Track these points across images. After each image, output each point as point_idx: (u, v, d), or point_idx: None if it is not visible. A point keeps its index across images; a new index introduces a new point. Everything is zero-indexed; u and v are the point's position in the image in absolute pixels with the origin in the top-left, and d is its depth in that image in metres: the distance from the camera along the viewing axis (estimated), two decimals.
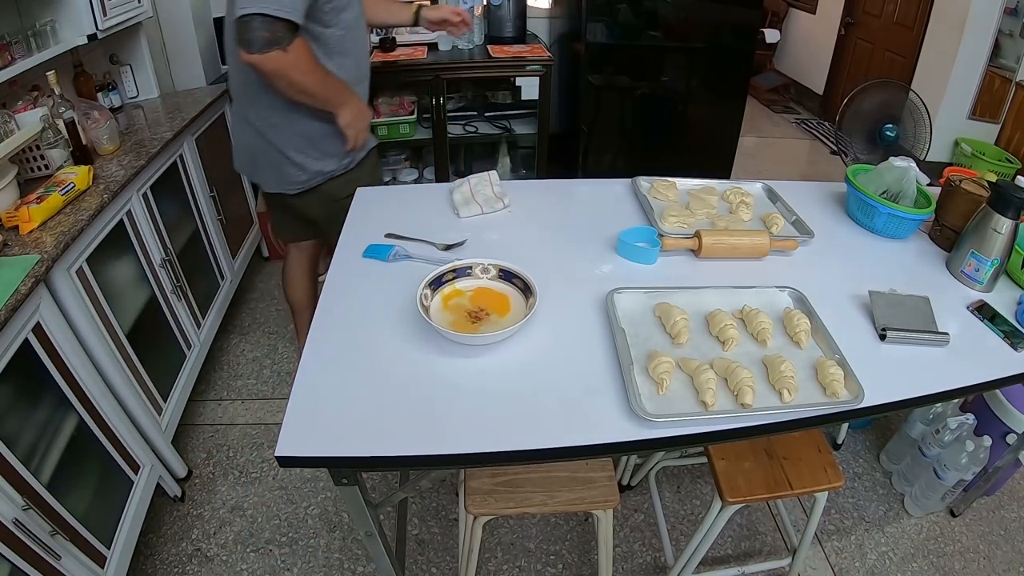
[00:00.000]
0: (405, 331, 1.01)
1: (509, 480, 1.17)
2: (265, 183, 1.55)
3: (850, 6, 4.45)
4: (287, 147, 1.44)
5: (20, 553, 1.10)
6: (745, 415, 0.87)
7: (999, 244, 1.15)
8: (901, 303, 1.08)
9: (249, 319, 2.50)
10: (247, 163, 1.55)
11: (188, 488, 1.78)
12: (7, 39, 1.62)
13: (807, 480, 1.24)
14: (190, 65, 2.54)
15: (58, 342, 1.30)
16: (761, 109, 5.04)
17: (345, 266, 1.19)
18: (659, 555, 1.63)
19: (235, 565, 1.58)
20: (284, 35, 1.19)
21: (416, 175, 3.11)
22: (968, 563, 1.63)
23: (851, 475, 1.87)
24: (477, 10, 2.86)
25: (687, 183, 1.51)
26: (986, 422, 1.65)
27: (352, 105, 1.42)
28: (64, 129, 1.62)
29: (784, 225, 1.34)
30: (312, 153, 1.47)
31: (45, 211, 1.38)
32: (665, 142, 3.22)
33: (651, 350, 0.97)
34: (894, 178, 1.35)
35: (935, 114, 3.53)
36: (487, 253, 1.14)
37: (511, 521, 1.69)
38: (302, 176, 1.49)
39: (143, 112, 2.18)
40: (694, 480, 1.83)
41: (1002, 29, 3.31)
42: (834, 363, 0.94)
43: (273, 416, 2.03)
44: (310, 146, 1.46)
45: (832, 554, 1.64)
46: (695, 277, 1.18)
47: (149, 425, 1.62)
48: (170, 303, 1.86)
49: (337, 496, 1.74)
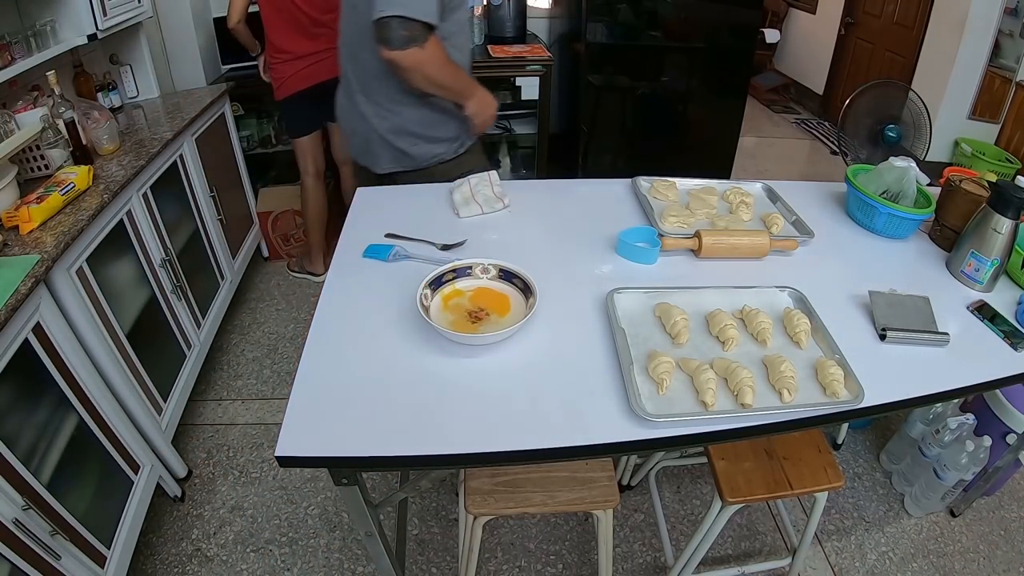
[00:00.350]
0: (405, 331, 1.01)
1: (509, 480, 1.17)
2: (379, 165, 1.62)
3: (850, 6, 4.45)
4: (404, 133, 1.54)
5: (20, 553, 1.10)
6: (745, 415, 0.87)
7: (999, 244, 1.15)
8: (901, 303, 1.08)
9: (249, 319, 2.50)
10: (361, 147, 1.63)
11: (188, 488, 1.78)
12: (7, 39, 1.62)
13: (807, 480, 1.24)
14: (190, 65, 2.55)
15: (58, 342, 1.30)
16: (761, 109, 5.04)
17: (345, 266, 1.19)
18: (659, 555, 1.63)
19: (235, 565, 1.58)
20: (421, 34, 1.27)
21: None
22: (968, 563, 1.63)
23: (851, 475, 1.87)
24: (477, 10, 2.86)
25: (687, 183, 1.51)
26: (986, 422, 1.65)
27: (478, 95, 1.49)
28: (64, 129, 1.62)
29: (784, 225, 1.34)
30: (427, 139, 1.56)
31: (45, 211, 1.39)
32: (665, 142, 3.22)
33: (651, 350, 0.97)
34: (894, 178, 1.35)
35: (935, 114, 3.53)
36: (487, 253, 1.14)
37: (511, 521, 1.69)
38: (415, 160, 1.59)
39: (143, 112, 2.19)
40: (694, 480, 1.83)
41: (1002, 29, 3.31)
42: (834, 363, 0.94)
43: (273, 416, 2.03)
44: (426, 133, 1.55)
45: (832, 554, 1.64)
46: (695, 277, 1.18)
47: (149, 425, 1.62)
48: (170, 303, 1.86)
49: (337, 496, 1.74)
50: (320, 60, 2.21)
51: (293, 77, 2.24)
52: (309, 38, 2.18)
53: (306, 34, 2.17)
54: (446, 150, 1.58)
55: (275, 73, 2.28)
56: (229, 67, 2.69)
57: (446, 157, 1.59)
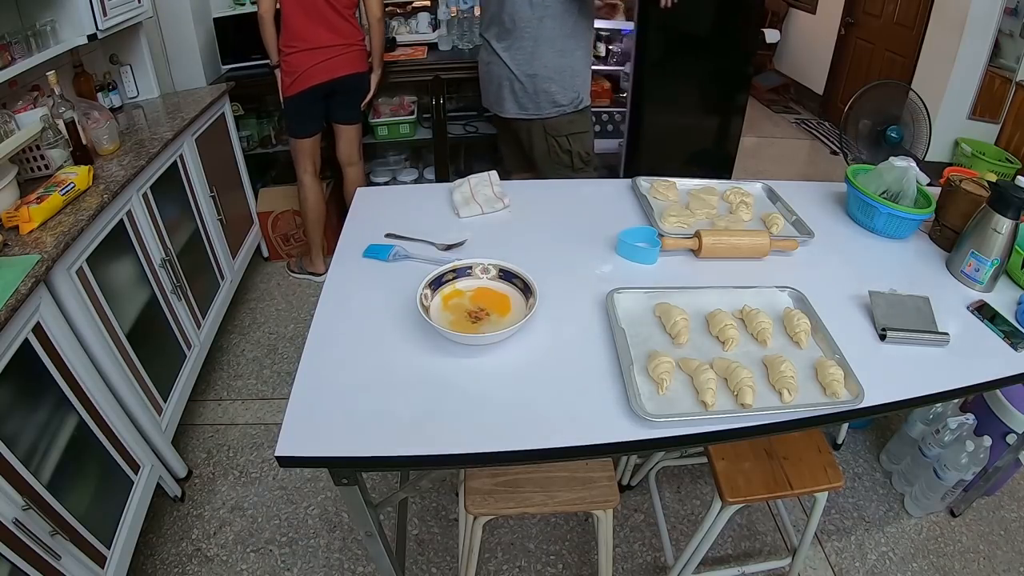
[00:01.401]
0: (405, 331, 1.01)
1: (509, 480, 1.17)
2: (504, 109, 1.95)
3: (850, 6, 4.45)
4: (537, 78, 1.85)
5: (20, 553, 1.10)
6: (745, 415, 0.87)
7: (999, 244, 1.15)
8: (901, 303, 1.08)
9: (249, 319, 2.50)
10: (493, 94, 1.97)
11: (188, 488, 1.78)
12: (7, 39, 1.62)
13: (807, 480, 1.24)
14: (190, 65, 2.54)
15: (58, 342, 1.30)
16: (761, 109, 5.04)
17: (345, 266, 1.19)
18: (659, 555, 1.63)
19: (235, 565, 1.58)
20: None
21: (416, 175, 3.11)
22: (968, 563, 1.63)
23: (851, 475, 1.86)
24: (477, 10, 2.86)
25: (687, 183, 1.51)
26: (986, 422, 1.65)
27: None
28: (64, 129, 1.62)
29: (784, 225, 1.34)
30: (555, 86, 1.86)
31: (45, 211, 1.38)
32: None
33: (651, 350, 0.97)
34: (894, 178, 1.35)
35: (935, 114, 3.53)
36: (487, 253, 1.14)
37: (511, 521, 1.69)
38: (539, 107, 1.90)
39: (143, 112, 2.18)
40: (694, 480, 1.83)
41: (1002, 29, 3.31)
42: (834, 363, 0.94)
43: (273, 416, 2.03)
44: (557, 80, 1.86)
45: (832, 554, 1.64)
46: (695, 277, 1.18)
47: (149, 425, 1.62)
48: (170, 303, 1.86)
49: (337, 496, 1.74)
50: (340, 54, 2.19)
51: (310, 70, 2.18)
52: (330, 29, 2.15)
53: (327, 24, 2.14)
54: (567, 102, 1.87)
55: (289, 66, 2.20)
56: (229, 67, 2.69)
57: (566, 110, 1.88)
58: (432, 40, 2.87)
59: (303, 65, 2.18)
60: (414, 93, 2.95)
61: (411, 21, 2.92)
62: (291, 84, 2.23)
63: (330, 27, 2.15)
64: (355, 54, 2.27)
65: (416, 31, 2.90)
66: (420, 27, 2.89)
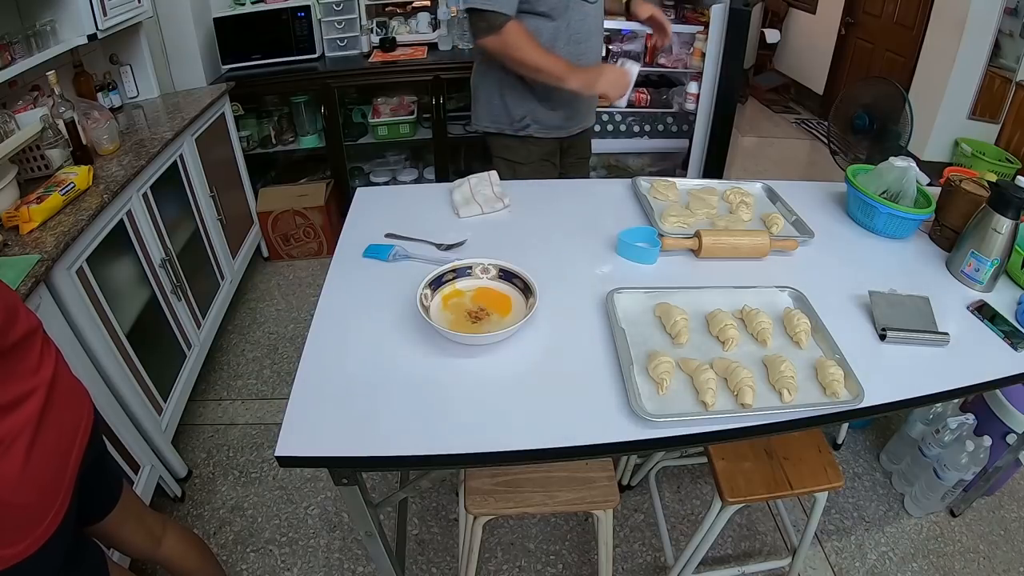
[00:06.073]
0: (405, 331, 1.01)
1: (509, 480, 1.17)
2: (476, 122, 1.81)
3: (850, 6, 4.45)
4: (491, 97, 1.72)
5: None
6: (745, 415, 0.87)
7: (999, 244, 1.15)
8: (901, 303, 1.08)
9: (249, 319, 2.49)
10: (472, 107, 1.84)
11: (188, 488, 1.78)
12: (7, 39, 1.62)
13: (807, 480, 1.24)
14: (190, 65, 2.54)
15: (58, 342, 1.29)
16: (761, 109, 5.03)
17: (345, 266, 1.19)
18: (659, 555, 1.63)
19: (235, 565, 1.58)
20: (497, 22, 1.42)
21: (416, 175, 3.11)
22: (968, 563, 1.63)
23: (851, 475, 1.86)
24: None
25: (687, 183, 1.51)
26: (986, 422, 1.65)
27: (577, 77, 1.50)
28: (64, 129, 1.62)
29: (784, 225, 1.34)
30: (504, 107, 1.71)
31: (45, 211, 1.39)
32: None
33: (651, 350, 0.97)
34: (894, 178, 1.35)
35: (935, 114, 3.54)
36: (487, 253, 1.14)
37: (511, 521, 1.69)
38: (496, 122, 1.76)
39: (143, 112, 2.19)
40: (694, 480, 1.83)
41: (1002, 29, 3.31)
42: (834, 363, 0.94)
43: (273, 416, 2.03)
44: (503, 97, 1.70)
45: (832, 554, 1.64)
46: (695, 277, 1.18)
47: (149, 425, 1.62)
48: (170, 303, 1.86)
49: (337, 496, 1.74)
50: None
51: None
52: None
53: None
54: (507, 124, 1.72)
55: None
56: (229, 67, 2.69)
57: (505, 131, 1.73)
58: (432, 40, 2.87)
59: None
60: (414, 93, 2.95)
61: (411, 21, 2.92)
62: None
63: None
64: None
65: (416, 31, 2.90)
66: (420, 27, 2.90)
